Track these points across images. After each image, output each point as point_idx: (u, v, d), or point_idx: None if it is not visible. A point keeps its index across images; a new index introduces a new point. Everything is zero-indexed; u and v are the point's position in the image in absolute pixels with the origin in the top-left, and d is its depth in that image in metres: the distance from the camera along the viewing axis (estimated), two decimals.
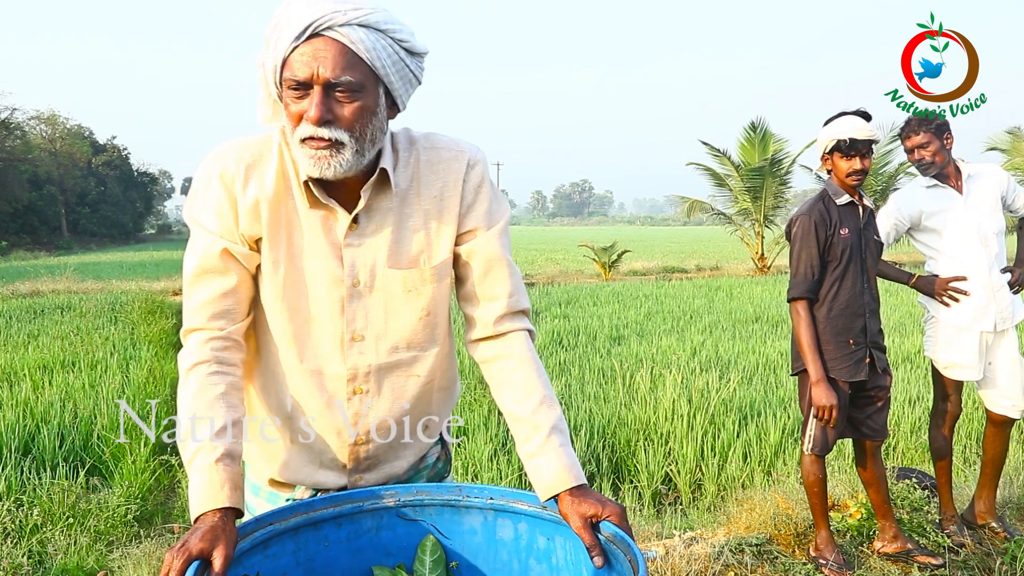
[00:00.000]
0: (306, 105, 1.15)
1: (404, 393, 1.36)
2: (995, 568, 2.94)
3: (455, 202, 1.32)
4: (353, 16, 1.13)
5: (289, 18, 1.13)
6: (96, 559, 3.46)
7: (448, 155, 1.32)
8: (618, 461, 4.62)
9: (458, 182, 1.32)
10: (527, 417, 1.29)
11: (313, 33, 1.12)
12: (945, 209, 3.10)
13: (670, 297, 13.07)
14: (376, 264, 1.29)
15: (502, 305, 1.35)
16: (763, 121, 21.08)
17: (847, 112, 2.84)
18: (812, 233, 2.81)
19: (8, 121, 41.73)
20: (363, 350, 1.31)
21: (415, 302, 1.32)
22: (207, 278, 1.25)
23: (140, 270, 22.46)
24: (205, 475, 1.11)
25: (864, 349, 2.87)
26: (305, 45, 1.13)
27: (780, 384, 6.13)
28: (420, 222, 1.31)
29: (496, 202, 1.36)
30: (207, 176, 1.25)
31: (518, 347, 1.35)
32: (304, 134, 1.16)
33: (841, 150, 2.78)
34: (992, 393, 3.18)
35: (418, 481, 1.48)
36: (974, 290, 3.08)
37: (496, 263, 1.35)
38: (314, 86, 1.14)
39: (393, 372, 1.34)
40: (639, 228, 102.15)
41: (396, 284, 1.30)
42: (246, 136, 1.30)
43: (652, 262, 23.99)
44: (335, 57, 1.13)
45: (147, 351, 7.85)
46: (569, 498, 1.21)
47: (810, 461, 2.95)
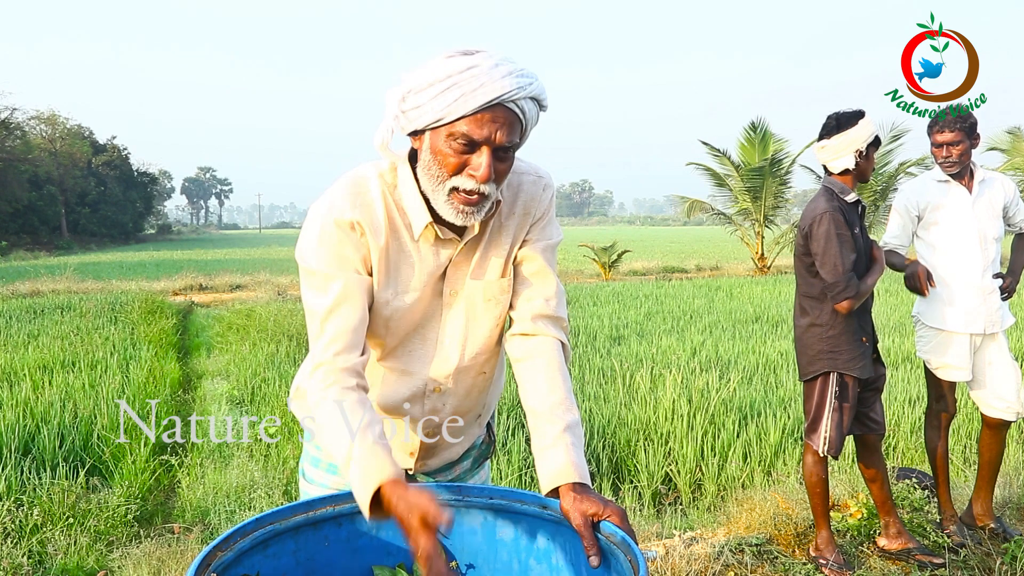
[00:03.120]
0: (474, 161, 1.24)
1: (474, 389, 1.49)
2: (995, 568, 2.95)
3: (529, 220, 1.44)
4: (530, 91, 1.24)
5: (477, 84, 1.20)
6: (96, 559, 3.46)
7: (529, 179, 1.44)
8: (618, 461, 4.62)
9: (535, 203, 1.44)
10: (545, 413, 1.34)
11: (498, 103, 1.21)
12: (953, 205, 3.11)
13: (670, 297, 13.07)
14: (466, 277, 1.41)
15: (540, 305, 1.43)
16: (763, 121, 21.09)
17: (851, 113, 2.85)
18: (845, 227, 2.81)
19: (8, 121, 41.74)
20: (448, 355, 1.43)
21: (493, 310, 1.44)
22: (336, 314, 1.32)
23: (140, 270, 22.47)
24: (369, 457, 1.18)
25: (871, 344, 2.90)
26: (487, 110, 1.21)
27: (780, 384, 6.14)
28: (504, 239, 1.42)
29: (554, 223, 1.49)
30: (322, 221, 1.33)
31: (548, 351, 1.41)
32: (464, 186, 1.25)
33: (876, 146, 2.85)
34: (986, 396, 3.19)
35: (465, 461, 1.60)
36: (966, 291, 3.09)
37: (543, 271, 1.45)
38: (484, 146, 1.23)
39: (470, 372, 1.46)
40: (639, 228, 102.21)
41: (478, 294, 1.42)
42: (346, 178, 1.37)
43: (652, 262, 23.99)
44: (510, 125, 1.24)
45: (147, 351, 7.85)
46: (571, 495, 1.22)
47: (813, 462, 2.95)
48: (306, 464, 1.56)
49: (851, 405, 2.85)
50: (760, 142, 20.99)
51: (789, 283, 15.72)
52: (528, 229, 1.44)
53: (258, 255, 32.02)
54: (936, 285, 3.09)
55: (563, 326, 1.47)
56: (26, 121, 45.78)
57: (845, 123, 2.83)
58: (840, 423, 2.88)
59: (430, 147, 1.26)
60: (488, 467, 1.70)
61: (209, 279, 17.85)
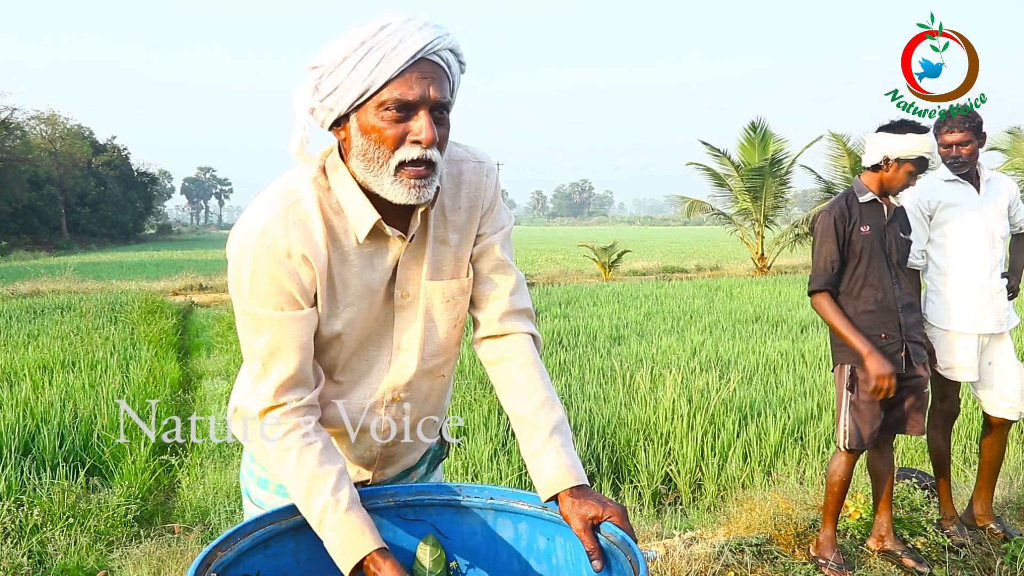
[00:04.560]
0: (413, 126, 1.14)
1: (433, 393, 1.43)
2: (995, 568, 2.95)
3: (478, 212, 1.36)
4: (448, 42, 1.16)
5: (396, 41, 1.12)
6: (96, 559, 3.46)
7: (469, 166, 1.34)
8: (618, 461, 4.62)
9: (480, 192, 1.35)
10: (529, 417, 1.30)
11: (422, 57, 1.14)
12: (962, 204, 3.10)
13: (670, 297, 13.07)
14: (420, 278, 1.32)
15: (504, 303, 1.38)
16: (763, 121, 21.08)
17: (915, 125, 2.80)
18: (831, 229, 2.85)
19: (8, 121, 41.72)
20: (406, 360, 1.35)
21: (452, 311, 1.36)
22: (279, 356, 1.24)
23: (140, 270, 22.47)
24: (343, 528, 1.16)
25: (899, 343, 2.86)
26: (413, 67, 1.13)
27: (780, 384, 6.14)
28: (452, 234, 1.33)
29: (503, 209, 1.41)
30: (253, 251, 1.20)
31: (521, 349, 1.37)
32: (410, 156, 1.15)
33: (915, 165, 2.79)
34: (990, 395, 3.19)
35: (421, 467, 1.55)
36: (975, 291, 3.08)
37: (501, 265, 1.38)
38: (420, 109, 1.14)
39: (428, 376, 1.39)
40: (639, 228, 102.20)
41: (436, 296, 1.33)
42: (270, 194, 1.25)
43: (652, 262, 23.99)
44: (439, 79, 1.15)
45: (147, 351, 7.85)
46: (570, 499, 1.21)
47: (840, 460, 2.95)
48: (251, 484, 1.47)
49: (871, 401, 2.83)
50: (760, 142, 20.98)
51: (789, 283, 15.73)
52: (480, 222, 1.36)
53: None
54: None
55: (530, 316, 1.42)
56: (26, 121, 45.78)
57: (896, 128, 2.82)
58: (858, 417, 2.87)
59: (360, 129, 1.16)
60: (441, 469, 1.65)
61: (209, 279, 17.83)
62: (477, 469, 4.20)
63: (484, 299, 1.39)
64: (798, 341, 8.24)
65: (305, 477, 1.20)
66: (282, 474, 1.23)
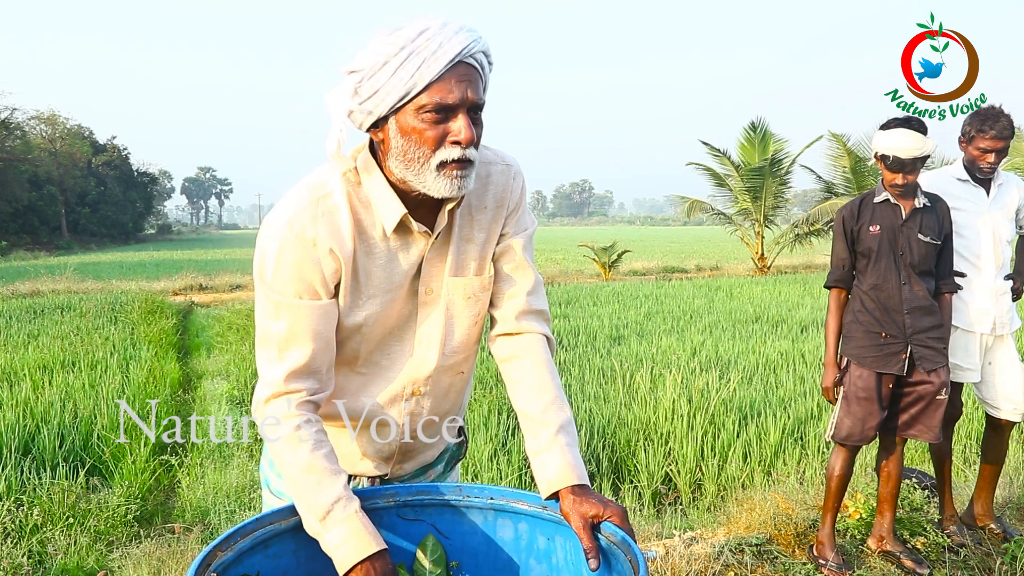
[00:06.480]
0: (453, 127, 1.18)
1: (452, 389, 1.45)
2: (995, 568, 2.95)
3: (503, 212, 1.39)
4: (482, 44, 1.20)
5: (435, 46, 1.15)
6: (96, 559, 3.46)
7: (498, 169, 1.38)
8: (618, 461, 4.62)
9: (506, 193, 1.39)
10: (536, 416, 1.32)
11: (459, 60, 1.17)
12: (971, 203, 3.10)
13: (670, 297, 13.07)
14: (443, 274, 1.35)
15: (521, 302, 1.41)
16: (763, 121, 21.08)
17: (902, 121, 2.79)
18: (840, 227, 2.94)
19: (8, 121, 41.70)
20: (427, 355, 1.38)
21: (473, 308, 1.39)
22: (294, 343, 1.26)
23: (140, 270, 22.47)
24: (352, 525, 1.18)
25: (902, 344, 2.84)
26: (451, 71, 1.16)
27: (780, 384, 6.13)
28: (478, 233, 1.37)
29: (528, 212, 1.44)
30: (281, 236, 1.24)
31: (534, 349, 1.39)
32: (451, 156, 1.19)
33: (886, 163, 2.79)
34: (993, 397, 3.18)
35: (439, 465, 1.56)
36: (979, 292, 3.08)
37: (522, 265, 1.41)
38: (458, 111, 1.18)
39: (448, 372, 1.41)
40: (639, 228, 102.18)
41: (457, 292, 1.36)
42: (301, 187, 1.29)
43: (652, 262, 23.99)
44: (475, 81, 1.19)
45: (147, 351, 7.85)
46: (571, 497, 1.21)
47: (838, 455, 2.97)
48: (272, 475, 1.48)
49: (866, 397, 2.85)
50: (760, 142, 20.98)
51: (789, 283, 15.73)
52: (504, 222, 1.40)
53: None
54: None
55: (545, 318, 1.45)
56: (26, 121, 45.76)
57: (884, 125, 2.82)
58: (846, 410, 2.89)
59: (400, 131, 1.19)
60: (458, 470, 1.67)
61: (209, 279, 17.85)
62: (477, 469, 4.20)
63: (502, 297, 1.41)
64: (798, 341, 8.24)
65: (318, 470, 1.21)
66: (289, 461, 1.23)
